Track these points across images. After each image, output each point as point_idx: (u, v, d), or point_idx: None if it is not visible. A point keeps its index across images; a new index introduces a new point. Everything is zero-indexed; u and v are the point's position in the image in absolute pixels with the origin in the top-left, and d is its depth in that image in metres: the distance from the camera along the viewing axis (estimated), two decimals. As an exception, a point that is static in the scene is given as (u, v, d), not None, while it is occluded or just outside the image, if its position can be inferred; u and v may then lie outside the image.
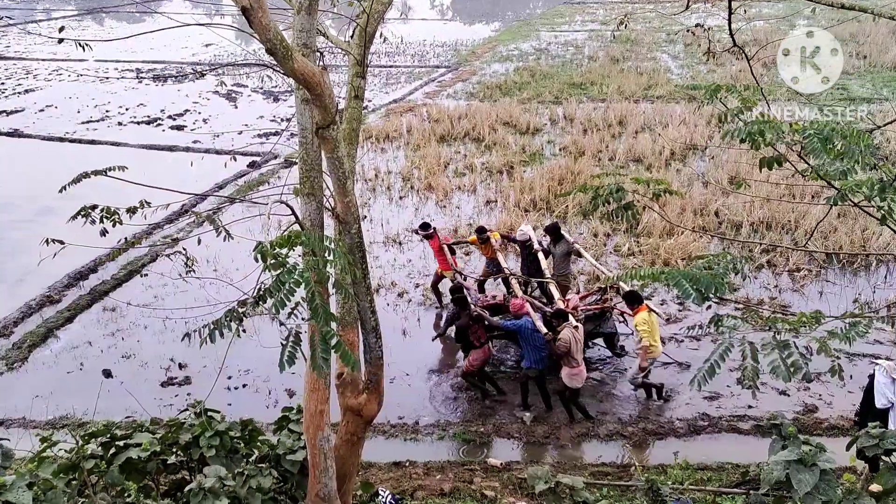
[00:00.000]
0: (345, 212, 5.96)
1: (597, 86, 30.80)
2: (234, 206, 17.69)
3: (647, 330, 10.98)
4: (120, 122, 28.68)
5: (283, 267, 3.99)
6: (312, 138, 5.79)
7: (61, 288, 15.56)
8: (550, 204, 18.58)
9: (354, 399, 6.67)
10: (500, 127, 25.18)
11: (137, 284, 15.79)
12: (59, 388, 12.24)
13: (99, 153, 24.16)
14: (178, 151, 24.63)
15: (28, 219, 19.27)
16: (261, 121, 27.98)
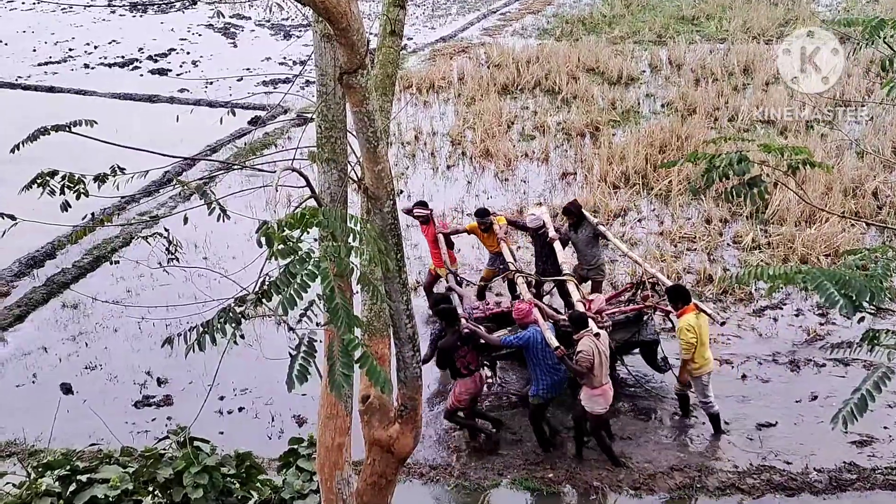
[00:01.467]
0: (375, 184, 6.02)
1: (714, 20, 30.39)
2: (231, 174, 17.98)
3: (693, 338, 10.92)
4: (86, 63, 29.35)
5: (293, 254, 4.05)
6: (335, 87, 5.86)
7: (10, 277, 16.04)
8: (648, 177, 18.44)
9: (383, 430, 6.75)
10: (583, 75, 25.05)
11: (106, 275, 16.17)
12: (6, 406, 12.58)
13: (59, 103, 24.76)
14: (159, 103, 25.12)
15: (-32, 187, 19.86)
16: (267, 64, 28.35)
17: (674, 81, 24.57)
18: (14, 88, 26.82)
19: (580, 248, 13.43)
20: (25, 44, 31.40)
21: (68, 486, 6.13)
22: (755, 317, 14.08)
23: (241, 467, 7.02)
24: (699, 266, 15.23)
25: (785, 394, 12.32)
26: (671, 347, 12.29)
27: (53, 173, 6.52)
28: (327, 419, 6.39)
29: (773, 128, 21.07)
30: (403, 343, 6.56)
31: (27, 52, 30.46)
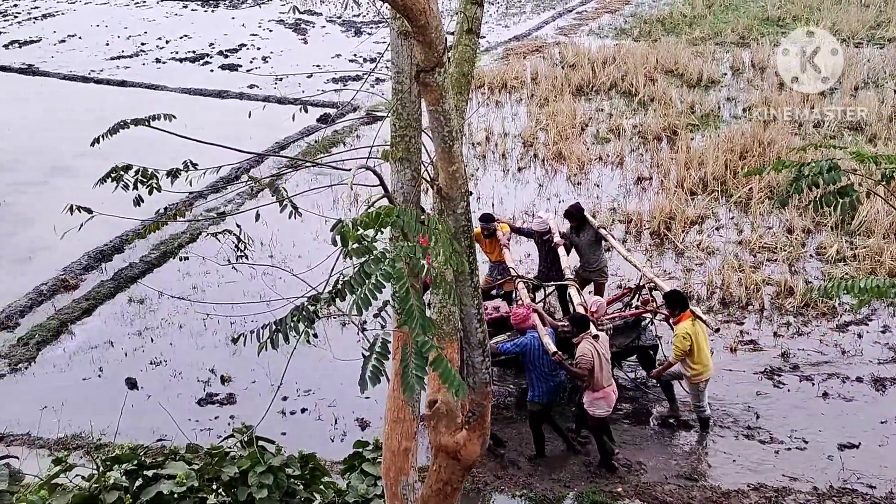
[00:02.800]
0: (449, 184, 6.03)
1: (801, 21, 29.83)
2: (299, 172, 18.19)
3: (688, 345, 11.05)
4: (158, 58, 30.02)
5: (368, 254, 4.09)
6: (411, 85, 5.89)
7: (79, 270, 16.47)
8: (727, 184, 18.19)
9: (450, 437, 6.75)
10: (661, 76, 24.82)
11: (172, 270, 16.54)
12: (73, 399, 12.93)
13: (130, 97, 25.39)
14: (229, 98, 25.59)
15: (39, 180, 20.49)
16: (337, 61, 28.67)
17: (756, 85, 24.19)
18: (87, 82, 27.55)
19: (582, 250, 13.54)
20: (99, 38, 32.22)
21: (135, 480, 6.27)
22: (838, 332, 13.79)
23: (306, 469, 7.10)
24: (779, 277, 14.98)
25: (869, 414, 12.06)
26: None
27: (127, 168, 6.67)
28: (394, 423, 6.41)
29: (862, 135, 20.60)
30: (473, 348, 6.56)
31: (100, 46, 31.25)
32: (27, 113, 24.93)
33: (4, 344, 14.33)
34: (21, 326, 14.88)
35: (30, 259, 16.98)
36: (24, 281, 16.08)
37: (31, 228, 18.10)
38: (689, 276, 15.26)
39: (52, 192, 19.51)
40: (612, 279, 14.68)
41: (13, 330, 14.76)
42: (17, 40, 32.25)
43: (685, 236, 16.54)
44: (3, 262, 16.95)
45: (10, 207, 19.21)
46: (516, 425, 12.04)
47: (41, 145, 22.35)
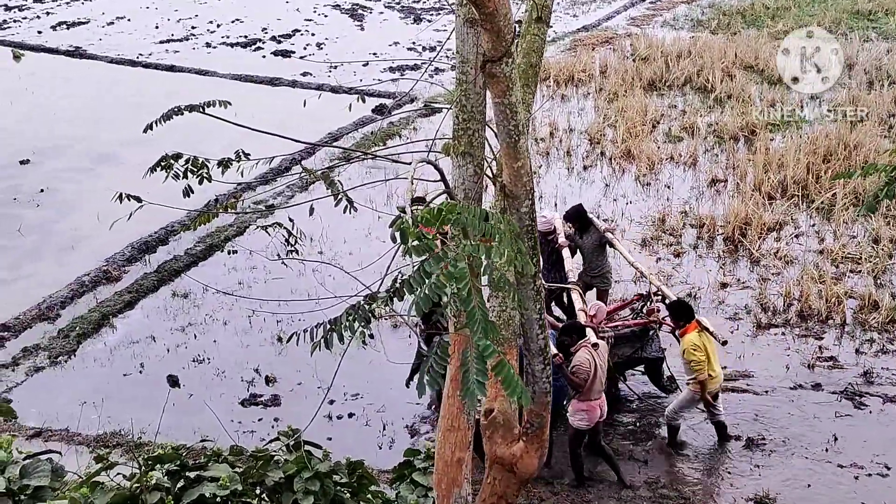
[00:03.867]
0: (514, 181, 6.05)
1: (894, 16, 29.27)
2: (352, 165, 18.34)
3: (703, 357, 11.10)
4: (209, 42, 30.40)
5: (429, 252, 4.11)
6: (476, 75, 5.91)
7: (122, 262, 16.76)
8: (809, 189, 17.93)
9: (507, 448, 6.78)
10: (740, 72, 24.52)
11: (218, 264, 16.75)
12: (113, 395, 13.18)
13: (179, 83, 25.77)
14: (281, 86, 25.84)
15: (84, 167, 20.90)
16: (394, 49, 28.78)
17: (843, 83, 23.79)
18: (135, 66, 27.98)
19: (585, 254, 13.60)
20: (148, 20, 32.70)
21: (177, 481, 6.37)
22: (928, 350, 13.56)
23: (353, 476, 7.15)
24: (863, 291, 14.73)
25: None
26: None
27: (177, 156, 6.79)
28: (447, 432, 6.44)
29: (958, 139, 20.18)
30: (534, 355, 6.57)
31: (150, 28, 31.71)
32: (73, 97, 25.41)
33: (45, 335, 14.65)
34: (62, 318, 15.18)
35: (72, 248, 17.33)
36: (66, 271, 16.41)
37: (75, 217, 18.48)
38: (764, 286, 15.08)
39: (97, 180, 19.91)
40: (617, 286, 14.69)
41: (54, 321, 15.07)
42: (65, 21, 32.87)
43: (761, 243, 16.34)
44: (46, 251, 17.32)
45: (54, 195, 19.60)
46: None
47: (86, 131, 22.78)
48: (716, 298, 14.91)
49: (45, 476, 4.62)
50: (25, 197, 19.47)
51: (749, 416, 12.36)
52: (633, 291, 14.39)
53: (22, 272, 16.60)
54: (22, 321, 14.94)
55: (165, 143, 7.18)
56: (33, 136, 22.50)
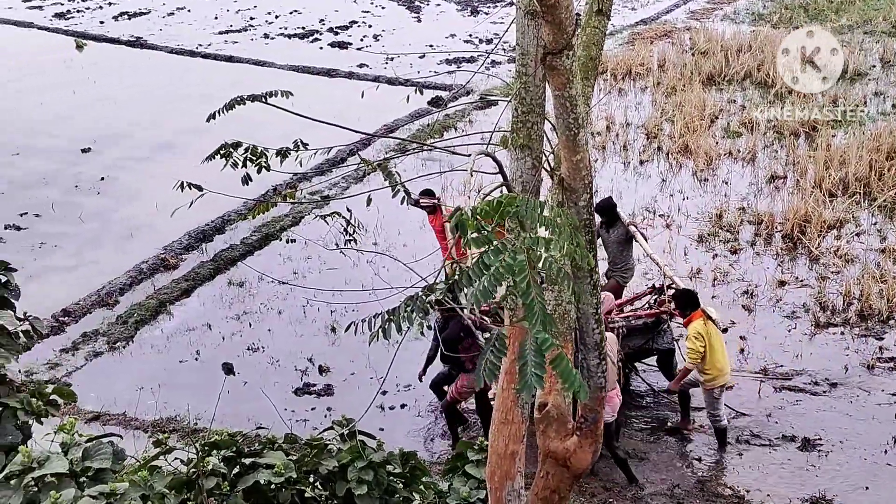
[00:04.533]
0: (572, 174, 6.02)
1: (964, 10, 28.71)
2: (408, 157, 18.40)
3: (702, 346, 11.05)
4: (266, 33, 30.65)
5: (488, 244, 4.11)
6: (536, 68, 5.88)
7: (179, 250, 17.01)
8: (871, 187, 17.64)
9: (560, 442, 6.75)
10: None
11: (273, 254, 16.93)
12: (169, 381, 13.40)
13: (237, 73, 26.02)
14: (337, 77, 25.97)
15: (143, 156, 21.21)
16: (451, 41, 28.77)
17: (911, 79, 23.40)
18: (194, 56, 28.32)
19: (610, 248, 13.61)
20: (207, 11, 33.02)
21: (233, 467, 6.44)
22: None
23: (406, 467, 7.17)
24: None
25: None
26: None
27: (237, 145, 6.84)
28: (501, 424, 6.43)
29: None
30: (589, 350, 6.53)
31: (209, 19, 32.05)
32: (133, 87, 25.77)
33: (104, 321, 14.91)
34: (120, 304, 15.46)
35: (131, 236, 17.62)
36: (125, 258, 16.70)
37: (134, 205, 18.77)
38: (823, 285, 14.87)
39: (156, 169, 20.21)
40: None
41: (112, 308, 15.34)
42: (127, 12, 33.32)
43: (821, 241, 16.11)
44: (106, 239, 17.64)
45: (114, 183, 19.92)
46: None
47: (146, 120, 23.10)
48: (773, 296, 14.74)
49: (106, 459, 4.71)
50: (86, 185, 19.82)
51: (806, 415, 12.21)
52: (645, 284, 14.32)
53: (83, 259, 16.93)
54: (82, 307, 15.22)
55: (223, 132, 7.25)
56: (94, 124, 22.89)
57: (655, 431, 12.21)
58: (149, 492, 4.97)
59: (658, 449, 11.85)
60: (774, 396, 12.58)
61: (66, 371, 13.65)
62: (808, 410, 12.28)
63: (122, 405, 12.89)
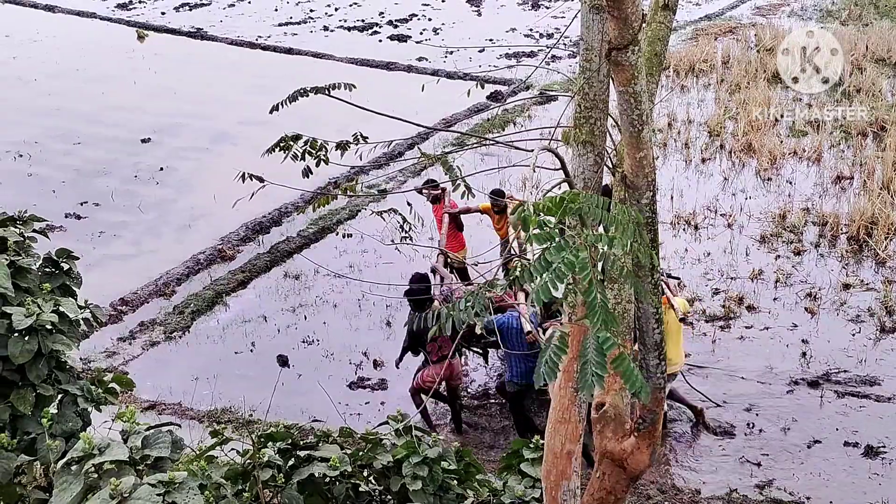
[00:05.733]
0: (635, 172, 5.97)
1: None
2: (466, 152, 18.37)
3: None
4: (326, 25, 30.88)
5: (550, 240, 4.10)
6: (600, 63, 5.85)
7: (236, 241, 17.20)
8: (942, 190, 17.33)
9: (617, 443, 6.71)
10: (870, 65, 23.79)
11: (329, 247, 17.03)
12: (224, 372, 13.55)
13: (296, 66, 26.24)
14: (396, 71, 26.07)
15: (201, 146, 21.47)
16: (511, 35, 28.72)
17: None
18: (253, 48, 28.64)
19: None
20: (268, 3, 33.37)
21: (288, 460, 6.50)
22: None
23: (461, 463, 7.17)
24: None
25: None
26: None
27: (296, 137, 6.90)
28: (558, 423, 6.41)
29: None
30: (649, 350, 6.48)
31: (269, 11, 32.39)
32: (193, 78, 26.11)
33: (161, 311, 15.13)
34: (177, 294, 15.66)
35: (189, 226, 17.86)
36: (183, 249, 16.95)
37: (192, 195, 19.02)
38: (889, 288, 14.59)
39: (214, 160, 20.48)
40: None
41: (170, 298, 15.55)
42: (188, 3, 33.77)
43: (888, 244, 15.82)
44: (165, 229, 17.90)
45: (173, 173, 20.19)
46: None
47: (205, 111, 23.38)
48: (837, 300, 14.50)
49: (165, 447, 4.78)
50: (146, 174, 20.12)
51: (869, 422, 12.01)
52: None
53: (142, 248, 17.20)
54: (140, 296, 15.45)
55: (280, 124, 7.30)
56: (155, 114, 23.22)
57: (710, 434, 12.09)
58: (206, 481, 5.03)
59: (715, 452, 11.73)
60: (837, 402, 12.37)
61: (123, 360, 13.86)
62: (871, 417, 12.06)
63: (177, 395, 13.06)
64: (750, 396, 12.61)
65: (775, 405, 12.38)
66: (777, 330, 13.87)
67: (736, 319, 14.18)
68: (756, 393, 12.64)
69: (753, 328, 13.95)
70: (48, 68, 26.91)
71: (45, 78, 26.14)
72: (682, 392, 12.12)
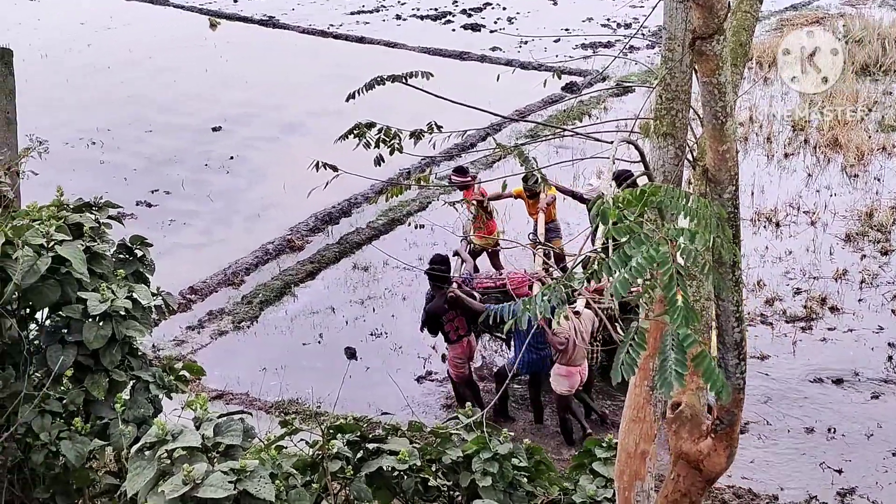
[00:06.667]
0: (718, 165, 5.91)
1: None
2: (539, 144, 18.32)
3: None
4: (398, 14, 31.03)
5: (631, 234, 4.09)
6: (683, 53, 5.80)
7: (305, 231, 17.39)
8: None
9: (693, 444, 6.65)
10: (967, 58, 23.23)
11: (399, 239, 17.12)
12: (292, 363, 13.72)
13: (368, 54, 26.40)
14: (469, 60, 26.10)
15: (272, 136, 21.74)
16: (587, 25, 28.59)
17: None
18: (325, 37, 28.90)
19: None
20: (339, -10, 33.63)
21: (357, 452, 6.58)
22: None
23: (531, 461, 7.20)
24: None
25: None
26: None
27: (370, 125, 6.95)
28: (633, 422, 6.38)
29: None
30: (728, 349, 6.40)
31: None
32: (264, 66, 26.41)
33: (230, 300, 15.36)
34: (246, 284, 15.88)
35: (258, 216, 18.09)
36: (252, 238, 17.16)
37: (262, 185, 19.28)
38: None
39: (284, 149, 20.70)
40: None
41: (238, 287, 15.78)
42: (257, -9, 34.20)
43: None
44: (235, 218, 18.16)
45: (244, 162, 20.46)
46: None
47: (276, 100, 23.65)
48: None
49: (237, 435, 4.86)
50: (216, 163, 20.42)
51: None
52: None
53: (211, 237, 17.48)
54: (208, 285, 15.70)
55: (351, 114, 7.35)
56: (225, 103, 23.56)
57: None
58: (277, 471, 5.12)
59: (793, 457, 11.57)
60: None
61: (192, 348, 14.10)
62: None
63: (244, 385, 13.25)
64: (832, 400, 12.41)
65: (859, 410, 12.17)
66: (862, 332, 13.62)
67: (818, 321, 13.95)
68: (838, 397, 12.44)
69: (836, 330, 13.72)
70: (122, 56, 27.42)
71: (119, 66, 26.64)
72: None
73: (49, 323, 6.75)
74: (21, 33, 28.03)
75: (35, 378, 6.68)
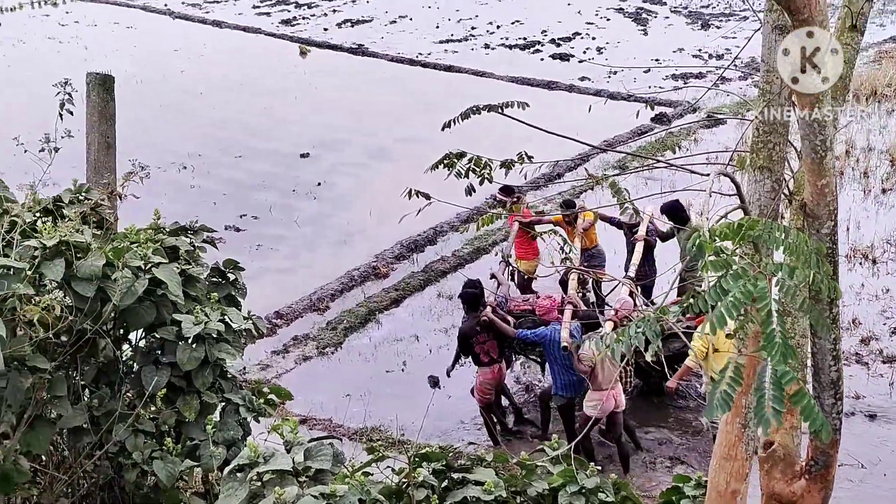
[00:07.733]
0: (816, 200, 5.86)
1: None
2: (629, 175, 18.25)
3: (704, 347, 11.21)
4: (487, 43, 31.25)
5: (727, 268, 4.08)
6: (782, 86, 5.78)
7: (390, 259, 17.54)
8: None
9: (786, 485, 6.56)
10: None
11: (484, 268, 17.09)
12: (376, 390, 13.80)
13: (456, 83, 26.63)
14: (557, 90, 26.14)
15: (360, 162, 22.02)
16: (678, 55, 28.46)
17: None
18: (413, 65, 29.23)
19: (684, 252, 13.09)
20: (429, 19, 34.04)
21: (442, 481, 6.60)
22: None
23: (618, 496, 7.13)
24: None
25: None
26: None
27: (461, 155, 7.04)
28: (723, 460, 6.32)
29: None
30: (824, 388, 6.31)
31: (430, 28, 33.00)
32: (353, 93, 26.82)
33: (314, 326, 15.54)
34: (331, 310, 16.07)
35: (344, 242, 18.33)
36: (338, 264, 17.37)
37: (348, 211, 19.53)
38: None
39: (371, 175, 20.96)
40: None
41: (323, 313, 15.98)
42: (350, 19, 34.76)
43: None
44: (322, 244, 18.41)
45: (331, 188, 20.77)
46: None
47: (364, 127, 23.97)
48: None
49: (327, 460, 4.94)
50: (304, 189, 20.74)
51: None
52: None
53: (298, 262, 17.74)
54: (294, 310, 15.92)
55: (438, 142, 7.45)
56: (314, 129, 23.96)
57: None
58: (365, 497, 5.18)
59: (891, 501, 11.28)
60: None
61: (277, 373, 14.29)
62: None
63: (328, 411, 13.37)
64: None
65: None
66: (961, 375, 13.26)
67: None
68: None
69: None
70: (214, 82, 28.12)
71: (211, 91, 27.31)
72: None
73: (143, 344, 6.93)
74: (118, 60, 28.88)
75: (128, 398, 6.87)
